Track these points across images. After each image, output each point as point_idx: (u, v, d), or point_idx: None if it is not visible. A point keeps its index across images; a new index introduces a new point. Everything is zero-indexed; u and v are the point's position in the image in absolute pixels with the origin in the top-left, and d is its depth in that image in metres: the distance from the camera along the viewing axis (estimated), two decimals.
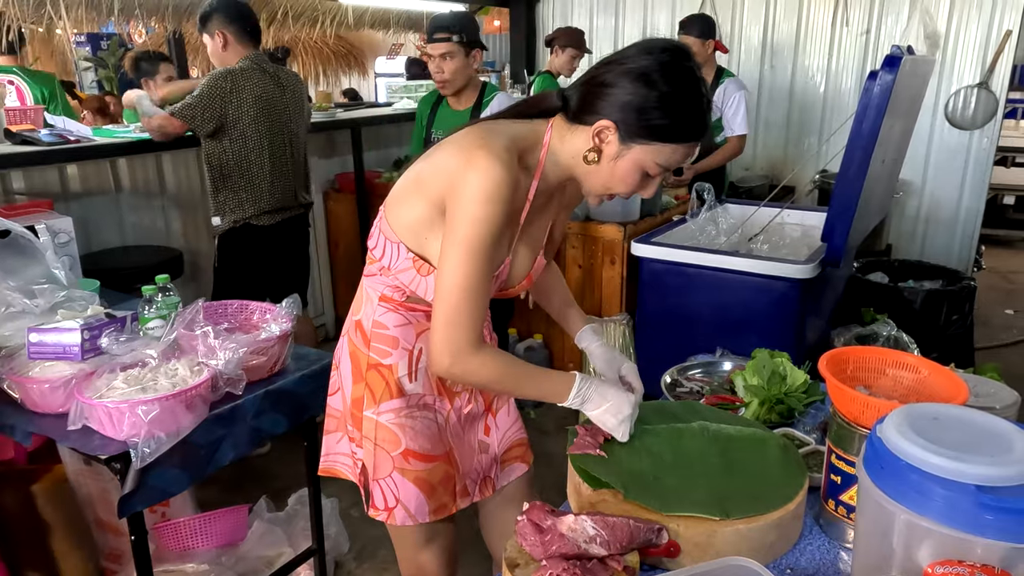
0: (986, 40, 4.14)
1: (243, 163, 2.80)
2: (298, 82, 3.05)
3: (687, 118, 1.16)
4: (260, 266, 2.99)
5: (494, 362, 1.22)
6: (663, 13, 4.94)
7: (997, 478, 0.77)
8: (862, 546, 0.93)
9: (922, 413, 0.88)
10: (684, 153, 1.19)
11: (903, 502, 0.81)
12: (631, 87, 1.14)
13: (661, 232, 3.11)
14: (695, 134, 1.18)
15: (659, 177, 1.23)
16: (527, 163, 1.24)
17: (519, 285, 1.37)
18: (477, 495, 1.52)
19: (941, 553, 0.81)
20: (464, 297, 1.16)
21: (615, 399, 1.26)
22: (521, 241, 1.32)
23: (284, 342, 1.86)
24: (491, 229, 1.15)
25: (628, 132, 1.16)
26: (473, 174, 1.13)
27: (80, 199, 3.11)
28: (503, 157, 1.15)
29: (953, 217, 4.42)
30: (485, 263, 1.16)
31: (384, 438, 1.39)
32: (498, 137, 1.19)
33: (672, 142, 1.16)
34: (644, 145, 1.16)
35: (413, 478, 1.39)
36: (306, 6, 4.49)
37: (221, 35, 2.79)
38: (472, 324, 1.17)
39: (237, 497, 2.48)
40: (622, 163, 1.19)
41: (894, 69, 2.21)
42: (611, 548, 1.03)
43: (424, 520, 1.42)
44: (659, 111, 1.14)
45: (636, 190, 1.24)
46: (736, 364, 1.80)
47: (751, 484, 1.18)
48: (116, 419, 1.50)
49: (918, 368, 1.23)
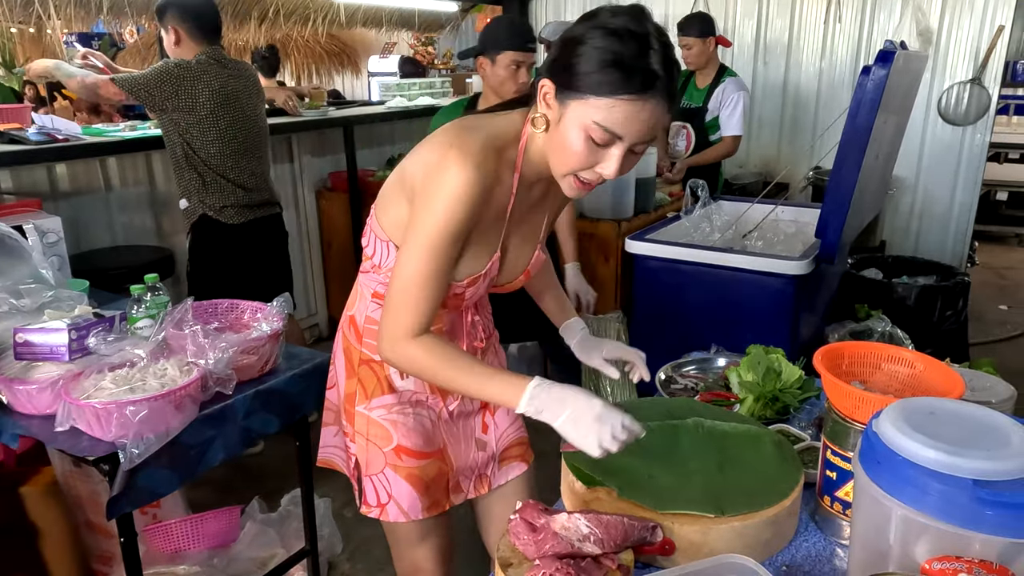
0: (979, 36, 4.14)
1: (203, 152, 2.74)
2: (254, 75, 2.98)
3: (619, 66, 1.03)
4: (234, 269, 2.92)
5: (430, 353, 1.17)
6: (656, 10, 4.89)
7: (994, 472, 0.76)
8: (858, 542, 0.92)
9: (918, 407, 0.87)
10: (626, 111, 1.05)
11: (899, 497, 0.80)
12: (561, 41, 1.10)
13: (655, 229, 3.10)
14: (630, 84, 1.03)
15: (616, 149, 1.09)
16: (508, 157, 1.21)
17: (516, 280, 1.37)
18: (472, 492, 1.51)
19: (938, 548, 0.80)
20: (413, 289, 1.16)
21: (576, 406, 1.10)
22: (515, 236, 1.31)
23: (275, 341, 1.84)
24: (451, 228, 1.13)
25: (560, 86, 1.09)
26: (442, 173, 1.12)
27: (70, 198, 3.08)
28: (475, 157, 1.13)
29: (946, 213, 4.42)
30: (440, 260, 1.15)
31: (376, 434, 1.39)
32: (473, 135, 1.16)
33: (604, 95, 1.04)
34: (577, 100, 1.07)
35: (406, 475, 1.39)
36: (298, 4, 4.46)
37: (174, 31, 2.74)
38: (415, 314, 1.16)
39: (230, 498, 2.46)
40: (563, 126, 1.10)
41: (887, 64, 2.20)
42: (605, 547, 1.02)
43: (418, 517, 1.41)
44: (585, 59, 1.05)
45: (587, 163, 1.11)
46: (731, 360, 1.79)
47: (746, 481, 1.17)
48: (104, 420, 1.48)
49: (913, 363, 1.22)
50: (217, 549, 2.16)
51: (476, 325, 1.43)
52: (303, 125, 3.86)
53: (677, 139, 3.90)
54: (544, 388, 1.12)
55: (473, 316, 1.41)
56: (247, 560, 2.17)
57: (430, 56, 9.65)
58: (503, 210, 1.24)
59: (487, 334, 1.49)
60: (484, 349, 1.47)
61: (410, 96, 4.74)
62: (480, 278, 1.28)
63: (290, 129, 3.80)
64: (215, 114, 2.73)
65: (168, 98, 2.66)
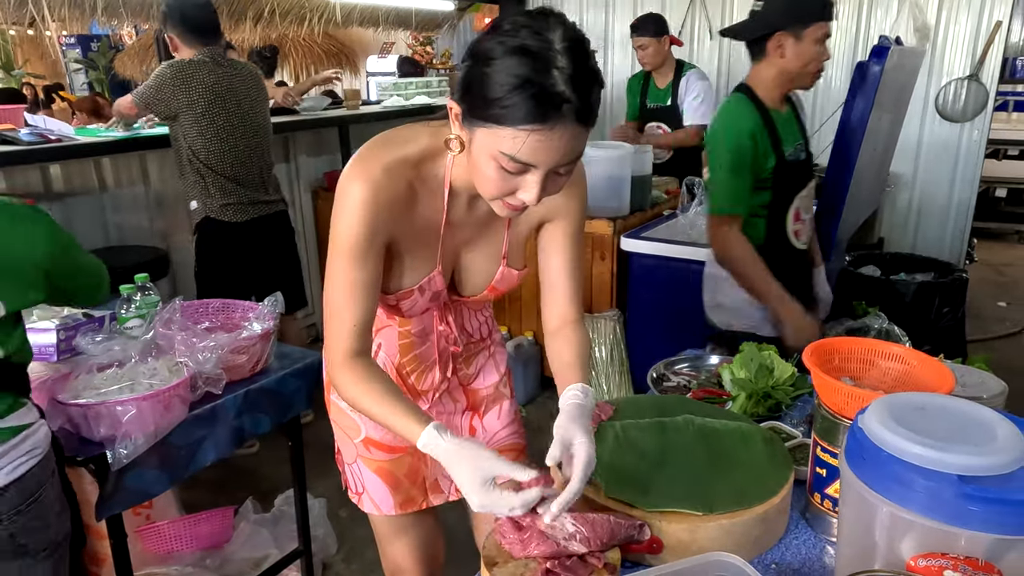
0: (976, 32, 4.13)
1: (203, 152, 2.78)
2: (256, 75, 3.01)
3: (521, 93, 0.92)
4: (240, 267, 2.96)
5: (349, 379, 1.13)
6: (653, 8, 4.92)
7: (979, 468, 0.75)
8: (845, 539, 0.91)
9: (905, 403, 0.86)
10: (535, 142, 0.94)
11: (885, 494, 0.79)
12: (466, 56, 1.00)
13: (651, 226, 3.10)
14: (534, 113, 0.92)
15: (533, 176, 0.99)
16: (430, 172, 1.15)
17: (480, 295, 1.31)
18: (454, 494, 1.44)
19: (925, 545, 0.79)
20: (333, 309, 1.14)
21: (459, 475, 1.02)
22: (466, 251, 1.26)
23: (266, 341, 1.84)
24: (353, 241, 1.09)
25: (467, 113, 1.00)
26: (343, 187, 1.10)
27: (64, 199, 3.07)
28: (373, 174, 1.08)
29: (945, 210, 4.41)
30: (353, 273, 1.11)
31: (346, 424, 1.40)
32: (384, 149, 1.12)
33: (508, 124, 0.94)
34: (482, 128, 0.97)
35: (375, 468, 1.39)
36: (293, 3, 4.45)
37: (170, 38, 2.83)
38: (339, 337, 1.13)
39: (224, 498, 2.45)
40: (475, 153, 1.02)
41: (882, 59, 2.19)
42: (591, 545, 1.01)
43: (391, 513, 1.41)
44: (486, 83, 0.94)
45: (504, 190, 1.02)
46: (723, 358, 1.78)
47: (735, 479, 1.16)
48: (92, 420, 1.47)
49: (905, 359, 1.21)
50: (210, 550, 2.15)
51: (450, 332, 1.35)
52: (299, 125, 3.86)
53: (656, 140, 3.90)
54: (437, 440, 1.04)
55: (440, 324, 1.34)
56: (240, 561, 2.16)
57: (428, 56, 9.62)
58: (435, 226, 1.19)
59: (477, 337, 1.43)
60: (467, 355, 1.41)
61: (407, 95, 4.73)
62: (414, 292, 1.22)
63: (286, 129, 3.79)
64: (211, 111, 2.75)
65: (171, 100, 2.71)
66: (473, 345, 1.42)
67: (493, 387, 1.47)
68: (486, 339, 1.46)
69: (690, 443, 1.26)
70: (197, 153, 2.79)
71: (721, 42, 4.72)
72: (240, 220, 2.89)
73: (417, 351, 1.35)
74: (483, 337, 1.44)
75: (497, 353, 1.50)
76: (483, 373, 1.46)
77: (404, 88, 4.83)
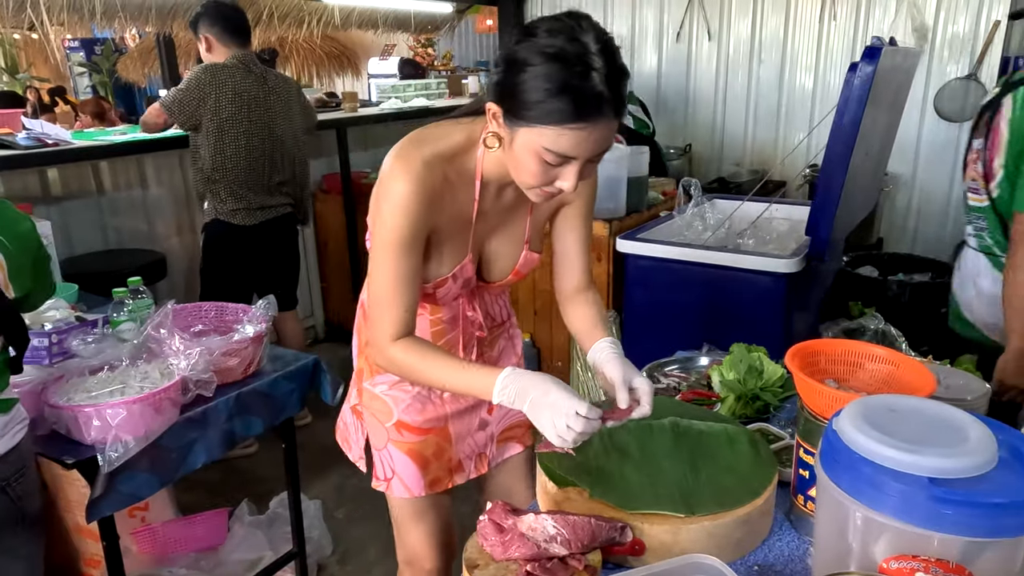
0: (974, 31, 4.11)
1: (218, 156, 2.82)
2: (289, 87, 3.04)
3: (563, 96, 1.01)
4: (244, 267, 3.01)
5: (409, 355, 1.22)
6: (651, 9, 4.92)
7: (950, 470, 0.75)
8: (822, 542, 0.91)
9: (878, 405, 0.86)
10: (576, 137, 1.05)
11: (858, 496, 0.79)
12: (503, 66, 1.08)
13: (647, 228, 3.09)
14: (577, 114, 1.03)
15: (571, 166, 1.10)
16: (463, 166, 1.24)
17: (505, 279, 1.40)
18: (473, 472, 1.54)
19: (898, 548, 0.79)
20: (381, 299, 1.22)
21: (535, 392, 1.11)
22: (493, 239, 1.35)
23: (258, 344, 1.84)
24: (400, 235, 1.18)
25: (508, 114, 1.09)
26: (386, 185, 1.18)
27: (62, 202, 3.09)
28: (415, 169, 1.17)
29: (944, 210, 4.39)
30: (400, 265, 1.20)
31: (378, 409, 1.45)
32: (420, 147, 1.20)
33: (551, 124, 1.04)
34: (525, 128, 1.07)
35: (406, 450, 1.44)
36: (292, 7, 4.46)
37: (205, 39, 2.86)
38: (388, 320, 1.22)
39: (222, 501, 2.46)
40: (515, 148, 1.11)
41: (874, 60, 2.19)
42: (572, 547, 1.02)
43: (420, 493, 1.46)
44: (528, 88, 1.03)
45: (544, 181, 1.13)
46: (714, 359, 1.78)
47: (718, 480, 1.17)
48: (83, 423, 1.48)
49: (889, 360, 1.21)
50: (205, 552, 2.16)
51: (478, 317, 1.44)
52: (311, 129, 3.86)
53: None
54: (513, 377, 1.14)
55: (469, 310, 1.43)
56: (235, 563, 2.16)
57: (430, 57, 9.62)
58: (467, 216, 1.27)
59: (499, 321, 1.52)
60: (491, 338, 1.50)
61: (405, 97, 4.74)
62: (448, 280, 1.31)
63: None
64: (235, 117, 2.79)
65: (199, 104, 2.75)
66: (495, 329, 1.51)
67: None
68: (506, 322, 1.55)
69: (675, 445, 1.26)
70: (213, 157, 2.82)
71: (720, 43, 4.71)
72: (248, 224, 2.93)
73: (448, 336, 1.43)
74: (503, 320, 1.54)
75: (515, 336, 1.60)
76: (503, 355, 1.55)
77: (403, 90, 4.83)
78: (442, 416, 1.45)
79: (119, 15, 3.64)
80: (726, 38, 4.73)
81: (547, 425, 1.10)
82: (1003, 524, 0.73)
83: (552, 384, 1.12)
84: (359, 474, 1.59)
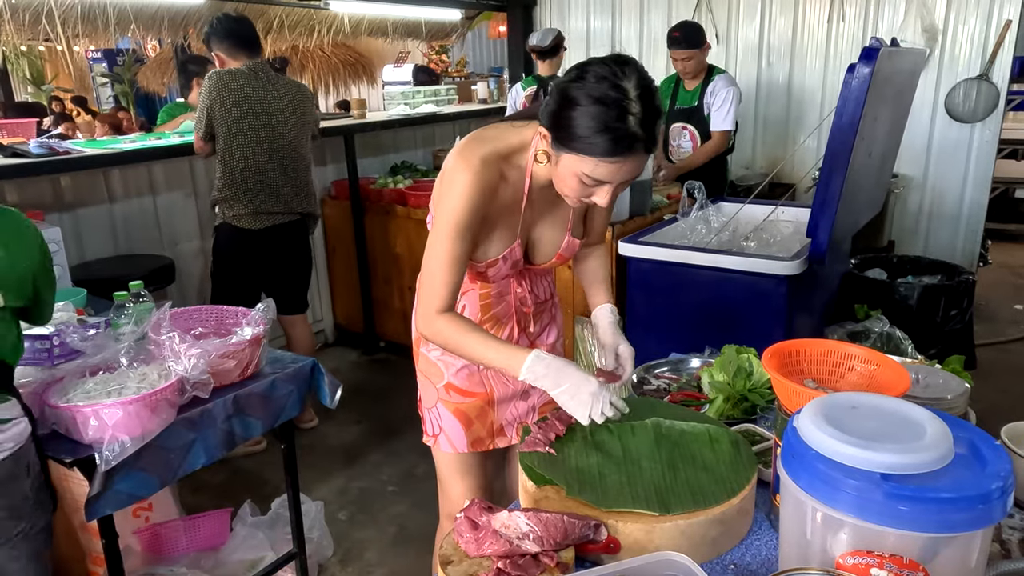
0: (986, 31, 4.07)
1: (227, 160, 2.88)
2: (299, 93, 3.08)
3: (603, 135, 1.20)
4: (253, 271, 3.07)
5: (451, 328, 1.39)
6: (658, 14, 4.93)
7: (902, 466, 0.75)
8: (785, 540, 0.91)
9: (842, 403, 0.87)
10: (611, 168, 1.24)
11: (815, 494, 0.80)
12: (556, 97, 1.26)
13: (650, 231, 3.09)
14: (613, 151, 1.21)
15: (607, 188, 1.29)
16: (517, 163, 1.43)
17: (549, 262, 1.58)
18: (514, 438, 1.69)
19: (855, 545, 0.79)
20: (436, 273, 1.38)
21: (573, 381, 1.29)
22: (539, 225, 1.54)
23: (256, 346, 1.87)
24: (459, 221, 1.35)
25: (556, 140, 1.28)
26: (450, 177, 1.37)
27: (74, 209, 3.16)
28: (474, 165, 1.35)
29: (956, 212, 4.34)
30: (455, 247, 1.37)
31: (431, 371, 1.64)
32: (481, 145, 1.39)
33: (591, 155, 1.23)
34: (569, 154, 1.26)
35: (453, 409, 1.63)
36: (302, 15, 4.53)
37: (217, 56, 2.95)
38: (437, 294, 1.38)
39: (228, 502, 2.49)
40: (560, 168, 1.31)
41: (871, 61, 2.18)
42: (544, 544, 1.03)
43: (463, 450, 1.64)
44: (575, 124, 1.22)
45: (582, 195, 1.32)
46: (705, 361, 1.79)
47: (695, 480, 1.17)
48: (82, 423, 1.52)
49: (869, 360, 1.21)
50: (206, 551, 2.19)
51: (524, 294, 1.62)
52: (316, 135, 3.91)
53: (680, 140, 3.89)
54: (541, 361, 1.31)
55: (517, 288, 1.61)
56: (236, 563, 2.19)
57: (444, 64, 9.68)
58: (517, 205, 1.46)
59: (543, 299, 1.68)
60: (536, 313, 1.66)
61: (414, 104, 4.78)
62: (499, 261, 1.49)
63: None
64: (242, 121, 2.85)
65: (209, 114, 2.83)
66: (540, 305, 1.68)
67: (553, 343, 1.74)
68: (549, 300, 1.72)
69: (655, 446, 1.27)
70: (223, 161, 2.89)
71: (728, 45, 4.71)
72: (256, 228, 2.98)
73: (494, 310, 1.61)
74: (548, 298, 1.71)
75: (557, 315, 1.78)
76: (547, 331, 1.73)
77: (411, 97, 4.87)
78: (486, 381, 1.62)
79: (132, 25, 3.72)
80: (734, 40, 4.72)
81: (583, 413, 1.28)
82: (955, 519, 0.74)
83: (588, 376, 1.30)
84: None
